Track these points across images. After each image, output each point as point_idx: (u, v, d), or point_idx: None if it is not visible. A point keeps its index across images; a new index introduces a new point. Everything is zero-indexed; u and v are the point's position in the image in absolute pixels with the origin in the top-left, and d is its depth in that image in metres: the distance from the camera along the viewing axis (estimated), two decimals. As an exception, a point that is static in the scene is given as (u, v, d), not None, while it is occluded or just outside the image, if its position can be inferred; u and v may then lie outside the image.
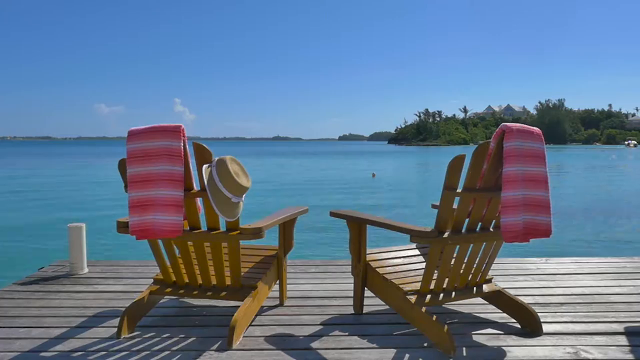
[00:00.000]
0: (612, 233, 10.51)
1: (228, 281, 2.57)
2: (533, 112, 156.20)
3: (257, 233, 2.35)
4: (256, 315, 2.79)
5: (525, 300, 3.00)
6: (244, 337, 2.48)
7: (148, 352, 2.31)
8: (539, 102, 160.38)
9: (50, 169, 33.52)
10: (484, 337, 2.49)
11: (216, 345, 2.37)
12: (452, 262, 2.47)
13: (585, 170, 32.72)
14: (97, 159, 49.64)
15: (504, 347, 2.35)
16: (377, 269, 2.68)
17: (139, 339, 2.47)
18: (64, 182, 23.22)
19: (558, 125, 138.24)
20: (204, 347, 2.35)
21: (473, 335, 2.51)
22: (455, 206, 2.34)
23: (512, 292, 3.17)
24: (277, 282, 2.98)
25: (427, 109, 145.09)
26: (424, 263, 2.85)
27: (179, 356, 2.26)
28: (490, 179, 2.34)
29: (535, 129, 2.34)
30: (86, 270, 3.82)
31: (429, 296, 2.46)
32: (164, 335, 2.51)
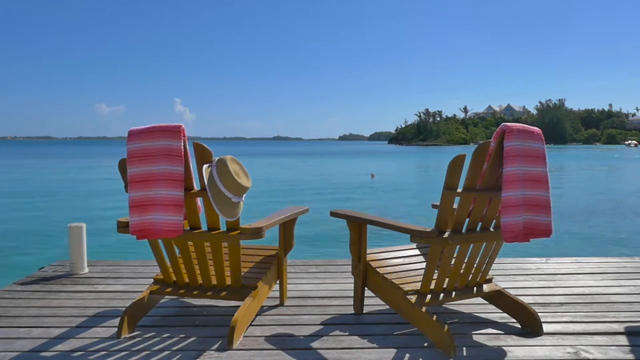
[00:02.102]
0: (612, 233, 10.51)
1: (228, 281, 2.57)
2: (533, 112, 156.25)
3: (257, 233, 2.35)
4: (256, 315, 2.79)
5: (525, 300, 3.00)
6: (244, 337, 2.48)
7: (148, 352, 2.31)
8: (539, 102, 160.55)
9: (51, 169, 33.51)
10: (484, 337, 2.49)
11: (216, 345, 2.37)
12: (452, 262, 2.47)
13: (585, 170, 32.72)
14: (97, 159, 49.65)
15: (504, 347, 2.35)
16: (377, 269, 2.68)
17: (139, 338, 2.47)
18: (65, 182, 23.21)
19: (558, 125, 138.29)
20: (204, 347, 2.35)
21: (473, 335, 2.51)
22: (455, 206, 2.34)
23: (512, 292, 3.17)
24: (278, 282, 2.98)
25: (427, 109, 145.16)
26: (424, 263, 2.85)
27: (179, 356, 2.26)
28: (491, 179, 2.34)
29: (536, 128, 2.34)
30: (86, 270, 3.82)
31: (429, 296, 2.46)
32: (164, 335, 2.51)
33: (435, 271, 2.50)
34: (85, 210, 13.55)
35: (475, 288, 2.63)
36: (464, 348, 2.35)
